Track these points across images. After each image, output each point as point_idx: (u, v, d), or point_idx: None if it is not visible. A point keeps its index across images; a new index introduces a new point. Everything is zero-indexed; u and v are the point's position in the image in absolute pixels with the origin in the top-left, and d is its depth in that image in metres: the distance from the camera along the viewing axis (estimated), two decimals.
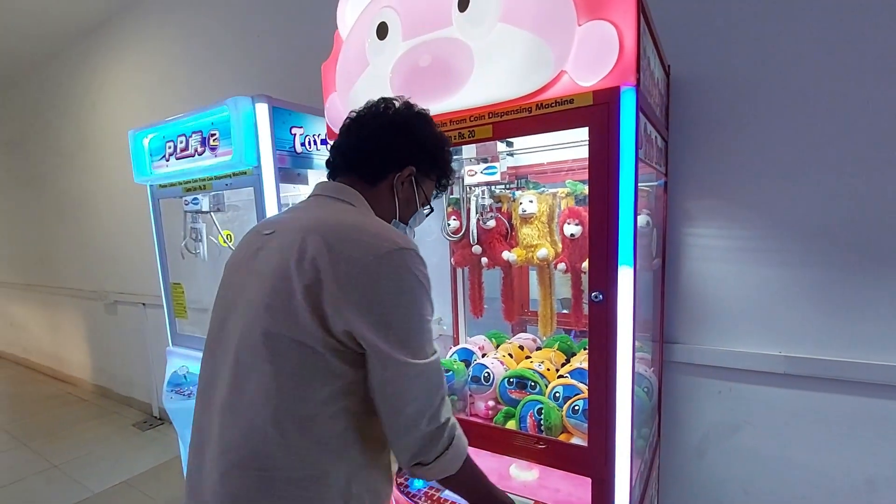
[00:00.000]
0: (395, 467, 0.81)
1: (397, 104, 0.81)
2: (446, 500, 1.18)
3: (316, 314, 0.63)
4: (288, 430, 0.65)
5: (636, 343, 0.93)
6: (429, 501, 1.19)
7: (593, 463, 0.97)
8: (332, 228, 0.68)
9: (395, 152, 0.79)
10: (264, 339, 0.65)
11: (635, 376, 0.95)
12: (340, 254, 0.64)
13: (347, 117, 0.83)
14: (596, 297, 0.91)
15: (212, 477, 0.67)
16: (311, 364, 0.65)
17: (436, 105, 1.00)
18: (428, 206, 0.88)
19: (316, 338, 0.64)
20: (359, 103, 0.84)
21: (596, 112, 0.85)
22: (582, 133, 0.89)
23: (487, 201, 1.39)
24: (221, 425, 0.68)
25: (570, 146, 1.21)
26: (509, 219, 1.40)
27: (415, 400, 0.68)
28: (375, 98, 0.82)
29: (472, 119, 0.99)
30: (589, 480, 0.99)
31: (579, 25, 0.84)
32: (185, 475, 0.77)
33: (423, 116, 0.82)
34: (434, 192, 0.89)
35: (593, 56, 0.83)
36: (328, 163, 0.84)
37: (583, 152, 0.90)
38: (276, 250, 0.69)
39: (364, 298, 0.64)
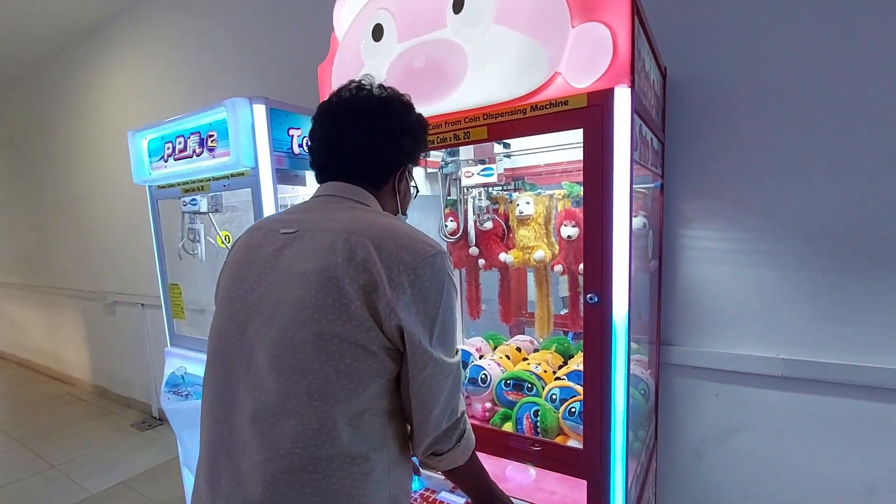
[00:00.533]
0: None
1: (376, 93, 0.77)
2: (441, 503, 1.18)
3: (371, 312, 0.65)
4: (342, 428, 0.65)
5: (633, 345, 0.93)
6: (425, 503, 1.19)
7: (588, 465, 0.96)
8: (375, 231, 0.68)
9: (396, 158, 0.80)
10: (314, 338, 0.64)
11: (631, 378, 0.94)
12: (390, 256, 0.66)
13: (326, 111, 0.78)
14: (591, 298, 0.91)
15: (252, 488, 0.64)
16: (363, 361, 0.66)
17: (431, 106, 1.00)
18: (415, 189, 0.90)
19: (371, 335, 0.65)
20: None
21: (590, 114, 0.85)
22: (579, 135, 0.89)
23: (484, 203, 1.39)
24: (262, 433, 0.65)
25: (567, 147, 1.21)
26: (506, 220, 1.40)
27: (443, 398, 0.72)
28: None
29: (466, 121, 0.99)
30: (584, 483, 0.98)
31: (573, 27, 0.84)
32: (194, 491, 0.73)
33: (410, 107, 0.81)
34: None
35: (587, 58, 0.83)
36: (316, 164, 0.81)
37: (580, 154, 0.90)
38: (312, 250, 0.68)
39: (413, 299, 0.66)
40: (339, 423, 0.65)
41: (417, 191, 0.91)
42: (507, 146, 1.34)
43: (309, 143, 0.81)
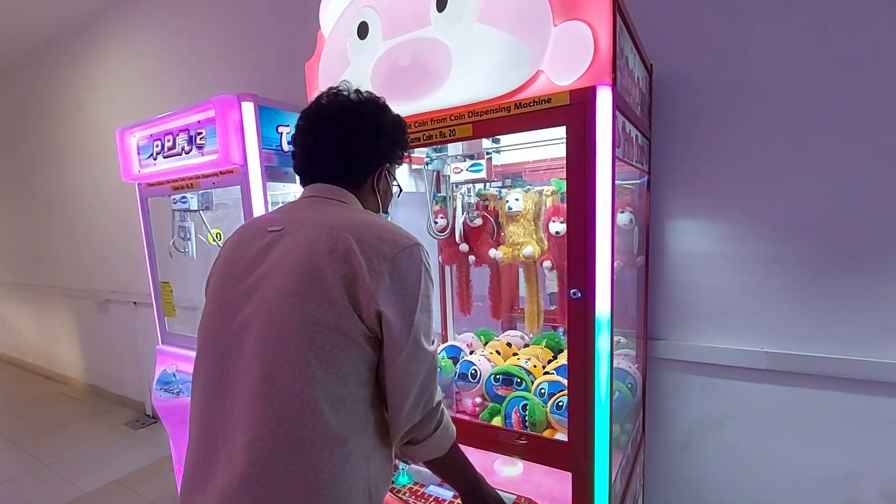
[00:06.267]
0: None
1: (352, 97, 0.80)
2: (430, 496, 1.19)
3: (351, 301, 0.68)
4: (324, 410, 0.67)
5: (620, 339, 0.94)
6: (413, 497, 1.20)
7: (573, 457, 0.98)
8: (355, 226, 0.72)
9: (373, 158, 0.83)
10: (297, 325, 0.67)
11: (617, 372, 0.96)
12: (370, 247, 0.70)
13: (305, 118, 0.82)
14: (574, 294, 0.92)
15: (239, 466, 0.67)
16: (343, 347, 0.69)
17: (416, 104, 1.01)
18: (398, 188, 0.92)
19: (350, 322, 0.68)
20: None
21: (572, 111, 0.86)
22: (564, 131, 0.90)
23: (473, 199, 1.39)
24: (249, 415, 0.68)
25: (555, 143, 1.22)
26: (496, 217, 1.41)
27: (419, 385, 0.74)
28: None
29: (452, 118, 1.00)
30: (570, 475, 1.00)
31: (555, 25, 0.85)
32: (184, 473, 0.75)
33: (384, 108, 0.83)
34: (396, 167, 0.91)
35: (569, 56, 0.84)
36: (298, 168, 0.84)
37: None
38: (297, 245, 0.72)
39: (392, 286, 0.70)
40: (322, 405, 0.67)
41: (401, 190, 0.93)
42: (496, 141, 1.35)
43: (293, 150, 0.85)
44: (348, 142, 0.79)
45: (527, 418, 1.16)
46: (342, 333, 0.68)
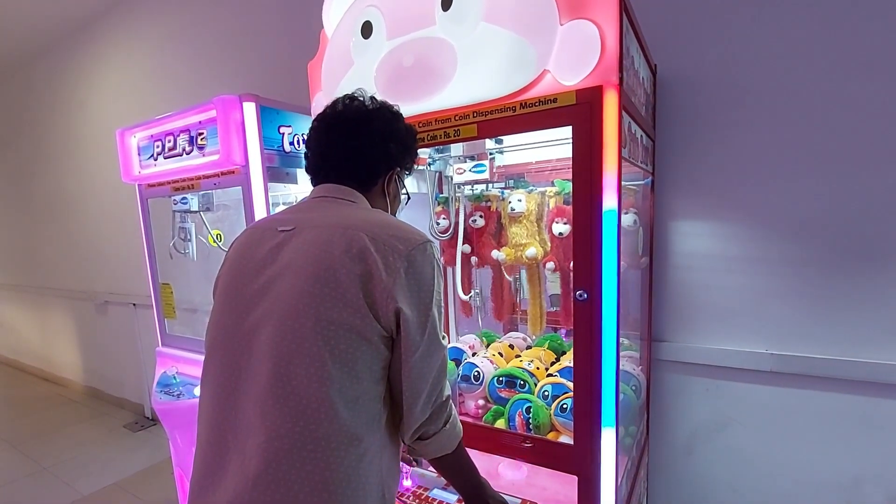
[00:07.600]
0: None
1: (368, 104, 0.83)
2: (434, 500, 1.18)
3: (367, 300, 0.69)
4: (339, 410, 0.67)
5: (623, 341, 0.93)
6: (417, 501, 1.19)
7: (579, 461, 0.97)
8: (368, 225, 0.73)
9: (384, 161, 0.84)
10: (313, 325, 0.68)
11: (621, 374, 0.95)
12: (384, 245, 0.70)
13: (321, 119, 0.83)
14: (580, 295, 0.91)
15: (255, 465, 0.66)
16: (357, 346, 0.69)
17: (421, 104, 1.01)
18: (406, 195, 0.93)
19: (366, 322, 0.69)
20: None
21: (579, 111, 0.85)
22: (570, 131, 0.89)
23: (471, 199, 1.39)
24: (264, 415, 0.67)
25: (558, 144, 1.21)
26: (498, 218, 1.40)
27: (431, 380, 0.75)
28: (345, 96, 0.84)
29: (456, 118, 0.99)
30: (575, 478, 0.99)
31: (561, 25, 0.84)
32: (193, 473, 0.74)
33: (398, 115, 0.86)
34: (406, 175, 0.93)
35: (575, 55, 0.83)
36: (311, 168, 0.86)
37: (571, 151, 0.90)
38: (310, 244, 0.72)
39: (408, 283, 0.71)
40: (337, 404, 0.67)
41: (409, 198, 0.94)
42: (499, 142, 1.34)
43: (306, 151, 0.86)
44: (362, 144, 0.81)
45: (531, 421, 1.15)
46: (357, 333, 0.68)
